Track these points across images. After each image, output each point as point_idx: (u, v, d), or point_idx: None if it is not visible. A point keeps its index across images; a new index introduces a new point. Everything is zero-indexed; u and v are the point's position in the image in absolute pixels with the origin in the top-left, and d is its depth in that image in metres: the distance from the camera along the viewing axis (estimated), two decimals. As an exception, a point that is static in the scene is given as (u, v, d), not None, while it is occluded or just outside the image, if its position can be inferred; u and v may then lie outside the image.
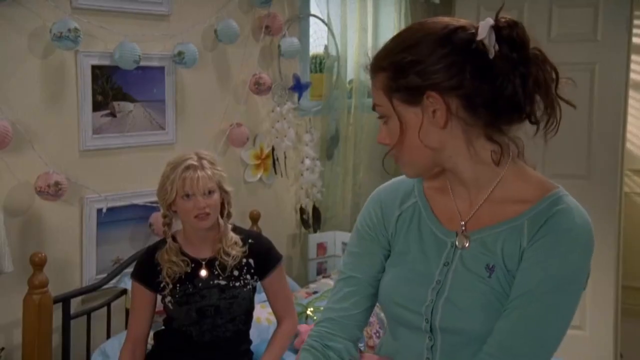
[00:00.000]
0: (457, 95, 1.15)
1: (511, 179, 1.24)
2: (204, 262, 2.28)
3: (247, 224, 3.08)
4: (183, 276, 2.24)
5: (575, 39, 3.80)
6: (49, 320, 2.44)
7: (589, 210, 1.22)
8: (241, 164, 3.34)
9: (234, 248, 2.27)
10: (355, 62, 3.75)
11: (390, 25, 3.87)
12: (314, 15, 3.59)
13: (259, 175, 3.43)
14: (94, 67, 2.73)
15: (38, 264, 2.41)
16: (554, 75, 1.15)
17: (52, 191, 2.53)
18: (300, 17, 3.52)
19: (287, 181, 3.58)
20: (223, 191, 2.27)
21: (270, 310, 2.47)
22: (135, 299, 2.29)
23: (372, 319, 2.84)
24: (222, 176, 2.27)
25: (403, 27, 3.91)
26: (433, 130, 1.18)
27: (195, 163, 2.21)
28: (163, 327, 2.36)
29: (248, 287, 2.29)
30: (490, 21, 1.13)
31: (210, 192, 2.22)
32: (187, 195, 2.20)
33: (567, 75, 1.18)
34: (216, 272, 2.26)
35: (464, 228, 1.28)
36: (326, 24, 3.62)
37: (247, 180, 3.38)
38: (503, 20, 1.14)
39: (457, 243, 1.28)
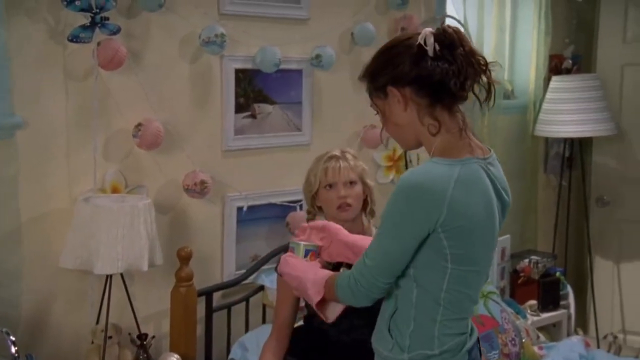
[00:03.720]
0: (408, 84, 1.55)
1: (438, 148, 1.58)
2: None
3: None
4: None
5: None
6: (194, 312, 2.57)
7: None
8: (373, 165, 3.36)
9: None
10: (491, 63, 3.66)
11: (529, 26, 3.75)
12: (450, 16, 3.54)
13: (391, 177, 3.43)
14: (237, 71, 2.84)
15: (184, 258, 2.54)
16: (482, 63, 1.54)
17: (199, 189, 2.65)
18: (437, 19, 3.48)
19: (418, 183, 3.55)
20: (365, 185, 2.29)
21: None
22: (280, 293, 2.31)
23: (508, 326, 2.77)
24: (365, 170, 2.30)
25: (543, 27, 3.80)
26: (399, 113, 1.59)
27: (338, 154, 2.26)
28: (302, 324, 2.40)
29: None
30: (429, 30, 1.54)
31: (352, 183, 2.24)
32: (330, 186, 2.24)
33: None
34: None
35: None
36: (462, 25, 3.56)
37: (379, 181, 3.38)
38: (438, 28, 1.56)
39: None
